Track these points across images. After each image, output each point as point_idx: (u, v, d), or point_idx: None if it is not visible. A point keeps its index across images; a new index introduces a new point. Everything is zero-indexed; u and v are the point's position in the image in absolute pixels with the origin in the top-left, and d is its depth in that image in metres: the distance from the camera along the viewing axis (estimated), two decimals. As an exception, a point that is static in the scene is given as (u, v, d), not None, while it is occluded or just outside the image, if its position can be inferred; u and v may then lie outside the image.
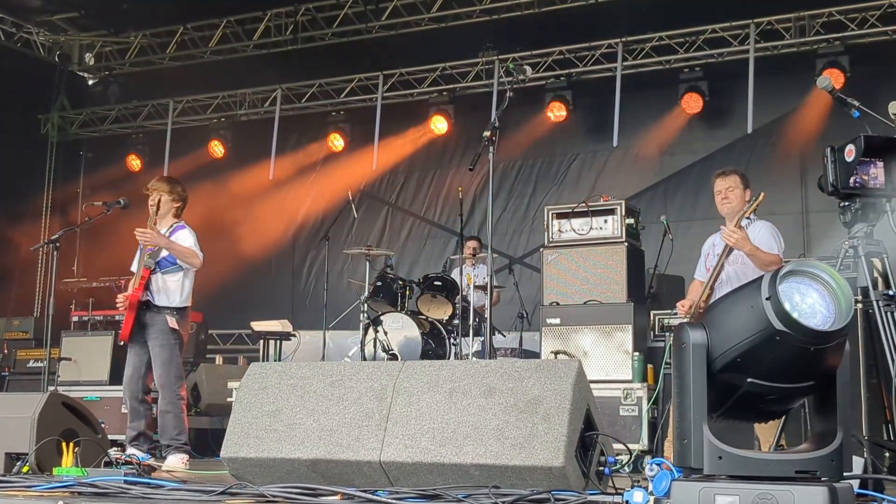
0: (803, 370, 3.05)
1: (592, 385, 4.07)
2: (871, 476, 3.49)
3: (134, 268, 6.71)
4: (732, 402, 3.18)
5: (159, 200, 6.59)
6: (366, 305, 8.72)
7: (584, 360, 7.00)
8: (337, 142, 12.22)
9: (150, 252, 6.52)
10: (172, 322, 6.42)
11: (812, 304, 3.01)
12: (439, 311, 8.78)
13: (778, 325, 2.93)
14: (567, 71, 11.00)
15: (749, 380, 3.05)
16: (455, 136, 11.73)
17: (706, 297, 5.54)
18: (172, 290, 6.50)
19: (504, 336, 8.95)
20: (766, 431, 5.19)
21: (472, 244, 9.41)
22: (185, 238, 6.56)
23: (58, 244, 6.94)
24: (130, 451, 6.25)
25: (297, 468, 4.06)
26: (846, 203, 4.06)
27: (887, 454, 4.68)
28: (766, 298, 2.96)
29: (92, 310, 9.85)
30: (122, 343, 6.69)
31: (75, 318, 10.25)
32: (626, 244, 7.52)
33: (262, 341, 9.67)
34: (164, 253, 6.48)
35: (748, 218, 5.57)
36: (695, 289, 5.90)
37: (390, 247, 11.09)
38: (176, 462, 6.23)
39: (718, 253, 5.59)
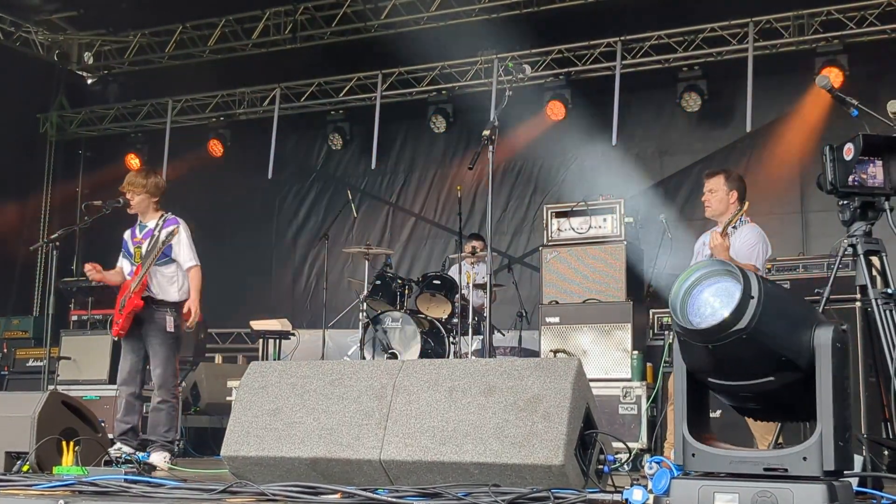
0: (733, 367, 2.93)
1: (591, 384, 4.07)
2: (871, 474, 3.49)
3: (121, 264, 6.67)
4: (724, 401, 3.17)
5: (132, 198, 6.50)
6: (365, 304, 8.73)
7: (584, 358, 7.00)
8: (336, 141, 12.26)
9: (141, 248, 6.48)
10: (170, 324, 6.40)
11: (704, 302, 2.92)
12: (438, 310, 8.78)
13: (675, 328, 2.97)
14: (566, 70, 11.00)
15: (708, 379, 3.05)
16: (454, 135, 11.74)
17: None
18: (170, 283, 6.46)
19: (503, 335, 8.95)
20: (764, 429, 5.21)
21: (474, 243, 9.41)
22: (183, 245, 6.46)
23: (57, 243, 6.93)
24: (118, 445, 6.22)
25: (297, 467, 4.06)
26: (845, 202, 4.06)
27: (886, 452, 4.69)
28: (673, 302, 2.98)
29: (91, 309, 9.85)
30: (115, 339, 6.67)
31: (74, 318, 10.26)
32: (625, 243, 7.52)
33: (261, 340, 9.68)
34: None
35: (734, 226, 5.61)
36: None
37: (392, 246, 11.11)
38: (158, 459, 6.18)
39: (707, 254, 5.65)
